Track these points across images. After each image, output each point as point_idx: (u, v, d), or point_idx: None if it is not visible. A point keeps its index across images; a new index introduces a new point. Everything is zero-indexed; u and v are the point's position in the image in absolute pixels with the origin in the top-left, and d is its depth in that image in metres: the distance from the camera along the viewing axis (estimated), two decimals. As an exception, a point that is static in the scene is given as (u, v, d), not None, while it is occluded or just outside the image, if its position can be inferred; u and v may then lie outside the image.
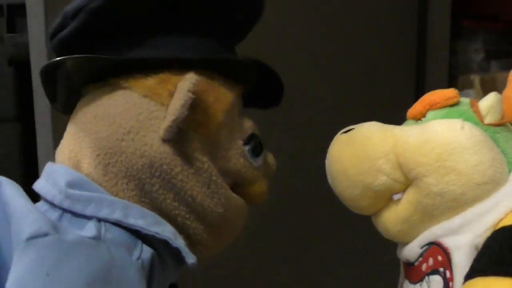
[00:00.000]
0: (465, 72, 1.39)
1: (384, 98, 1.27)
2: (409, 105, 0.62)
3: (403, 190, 0.58)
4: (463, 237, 0.54)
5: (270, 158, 0.64)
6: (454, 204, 0.54)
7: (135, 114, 0.55)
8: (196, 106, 0.55)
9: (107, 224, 0.53)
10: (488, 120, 0.56)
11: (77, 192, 0.54)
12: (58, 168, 0.57)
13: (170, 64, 0.56)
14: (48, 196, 0.55)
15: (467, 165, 0.53)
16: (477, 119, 0.57)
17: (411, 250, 0.58)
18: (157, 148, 0.54)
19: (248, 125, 0.60)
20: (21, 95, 1.40)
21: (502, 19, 1.42)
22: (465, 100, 0.59)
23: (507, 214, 0.53)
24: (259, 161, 0.61)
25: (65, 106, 0.62)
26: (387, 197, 0.59)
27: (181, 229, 0.56)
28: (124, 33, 0.58)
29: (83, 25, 0.57)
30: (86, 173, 0.56)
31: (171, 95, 0.54)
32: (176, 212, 0.56)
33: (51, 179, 0.56)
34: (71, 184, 0.55)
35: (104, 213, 0.53)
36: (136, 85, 0.56)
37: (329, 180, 0.61)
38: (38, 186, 0.57)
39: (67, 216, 0.54)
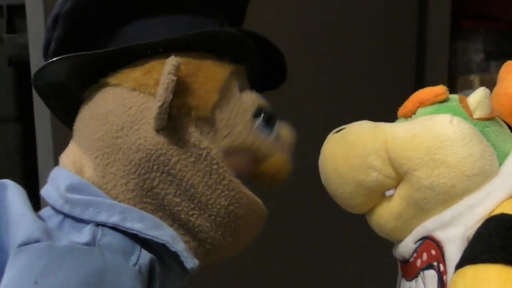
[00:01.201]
0: (464, 73, 1.40)
1: (384, 98, 1.27)
2: (409, 105, 0.62)
3: (395, 186, 0.58)
4: (455, 229, 0.54)
5: (285, 130, 0.62)
6: (445, 197, 0.54)
7: (125, 109, 0.55)
8: (184, 90, 0.54)
9: (105, 229, 0.52)
10: (477, 114, 0.57)
11: (76, 196, 0.53)
12: (60, 172, 0.57)
13: (154, 51, 0.55)
14: (51, 201, 0.55)
15: (456, 158, 0.53)
16: (466, 114, 0.57)
17: (406, 247, 0.58)
18: (152, 139, 0.53)
19: (253, 99, 0.59)
20: (21, 95, 1.40)
21: (502, 19, 1.42)
22: (454, 97, 0.59)
23: (497, 206, 0.53)
24: (274, 133, 0.59)
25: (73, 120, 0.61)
26: (379, 194, 0.59)
27: (186, 229, 0.55)
28: (106, 29, 0.57)
29: (65, 32, 0.57)
30: (87, 177, 0.55)
31: (158, 83, 0.53)
32: (179, 208, 0.54)
33: (54, 183, 0.56)
34: (71, 188, 0.54)
35: (102, 217, 0.52)
36: (124, 80, 0.56)
37: (323, 180, 0.61)
38: (44, 191, 0.57)
39: (69, 221, 0.53)
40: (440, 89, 0.59)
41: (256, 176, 0.59)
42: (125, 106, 0.55)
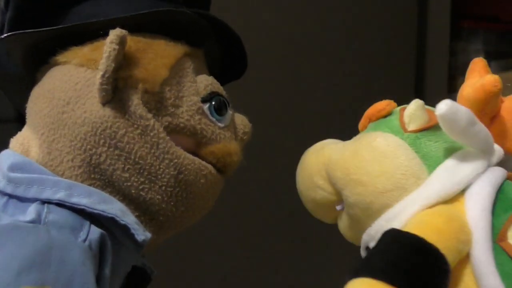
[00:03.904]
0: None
1: (384, 98, 1.27)
2: (409, 105, 0.62)
3: (342, 201, 0.61)
4: None
5: (240, 120, 0.61)
6: (369, 212, 0.57)
7: (72, 84, 0.54)
8: (132, 64, 0.54)
9: (51, 206, 0.51)
10: (410, 127, 0.58)
11: (18, 175, 0.53)
12: (3, 153, 0.56)
13: (106, 31, 0.54)
14: None
15: (370, 176, 0.56)
16: (400, 127, 0.59)
17: (362, 254, 0.60)
18: (97, 112, 0.53)
19: (207, 83, 0.58)
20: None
21: (502, 20, 1.42)
22: (396, 110, 0.61)
23: (412, 218, 0.54)
24: (224, 121, 0.58)
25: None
26: (331, 208, 0.62)
27: (137, 203, 0.55)
28: (59, 10, 0.57)
29: (17, 12, 0.56)
30: (33, 155, 0.55)
31: None
32: (129, 184, 0.54)
33: None
34: (13, 167, 0.53)
35: (47, 194, 0.51)
36: (72, 56, 0.55)
37: None
38: None
39: (13, 201, 0.52)
40: (381, 105, 0.61)
41: (200, 159, 0.58)
42: (72, 82, 0.54)
